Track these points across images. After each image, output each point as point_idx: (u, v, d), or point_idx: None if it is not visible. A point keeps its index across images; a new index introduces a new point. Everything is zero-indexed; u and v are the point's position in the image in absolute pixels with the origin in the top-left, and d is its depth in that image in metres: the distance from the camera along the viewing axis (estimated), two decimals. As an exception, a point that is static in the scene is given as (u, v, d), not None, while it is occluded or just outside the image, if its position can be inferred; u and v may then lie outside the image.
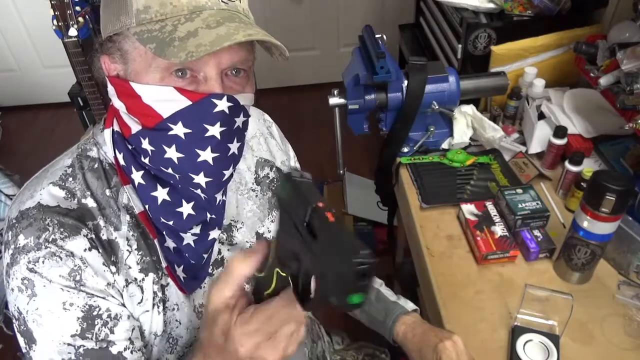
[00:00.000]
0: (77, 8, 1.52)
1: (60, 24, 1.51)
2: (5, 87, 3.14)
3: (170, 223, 0.71)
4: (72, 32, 1.52)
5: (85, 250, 0.66)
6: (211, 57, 0.62)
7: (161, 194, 0.70)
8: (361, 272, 0.42)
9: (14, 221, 0.67)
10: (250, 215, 0.86)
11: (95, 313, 0.66)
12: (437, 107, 1.28)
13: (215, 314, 0.55)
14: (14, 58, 3.05)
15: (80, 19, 1.52)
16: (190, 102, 0.63)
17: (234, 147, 0.68)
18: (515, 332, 0.93)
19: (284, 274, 0.53)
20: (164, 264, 0.72)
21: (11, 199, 1.70)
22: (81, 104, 2.07)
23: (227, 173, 0.69)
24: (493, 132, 1.31)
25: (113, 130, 0.71)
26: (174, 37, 0.59)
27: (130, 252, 0.70)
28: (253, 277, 0.56)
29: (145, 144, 0.66)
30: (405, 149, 1.37)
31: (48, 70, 3.09)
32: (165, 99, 0.63)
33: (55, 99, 3.15)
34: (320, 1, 2.96)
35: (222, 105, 0.64)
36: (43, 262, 0.64)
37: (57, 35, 1.55)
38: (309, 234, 0.47)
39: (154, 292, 0.72)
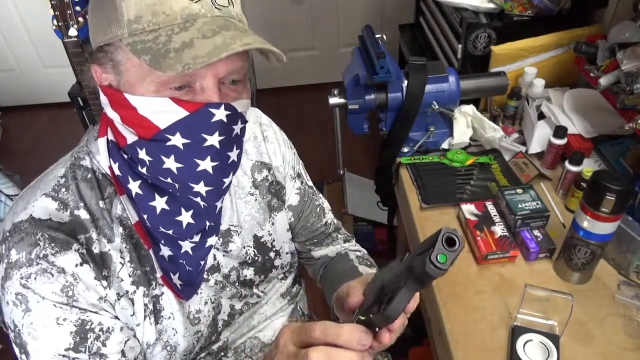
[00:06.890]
0: (77, 8, 1.51)
1: (60, 24, 1.51)
2: (5, 87, 3.14)
3: (170, 232, 0.70)
4: (72, 32, 1.52)
5: (76, 265, 0.66)
6: (208, 68, 0.60)
7: (159, 203, 0.69)
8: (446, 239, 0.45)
9: (7, 234, 0.66)
10: (249, 219, 0.86)
11: (87, 327, 0.66)
12: (437, 107, 1.28)
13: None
14: (14, 58, 3.04)
15: (80, 19, 1.52)
16: (187, 113, 0.61)
17: (233, 154, 0.68)
18: (515, 332, 0.93)
19: (362, 318, 0.55)
20: (159, 274, 0.72)
21: (11, 199, 1.70)
22: (81, 104, 2.07)
23: (226, 181, 0.69)
24: (493, 132, 1.31)
25: (107, 139, 0.69)
26: (169, 49, 0.57)
27: (122, 265, 0.70)
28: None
29: (143, 154, 0.65)
30: (405, 149, 1.37)
31: (48, 70, 3.09)
32: (161, 111, 0.62)
33: (55, 99, 3.15)
34: (320, 1, 2.96)
35: (220, 114, 0.62)
36: (35, 278, 0.64)
37: (57, 35, 1.55)
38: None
39: (145, 305, 0.72)
